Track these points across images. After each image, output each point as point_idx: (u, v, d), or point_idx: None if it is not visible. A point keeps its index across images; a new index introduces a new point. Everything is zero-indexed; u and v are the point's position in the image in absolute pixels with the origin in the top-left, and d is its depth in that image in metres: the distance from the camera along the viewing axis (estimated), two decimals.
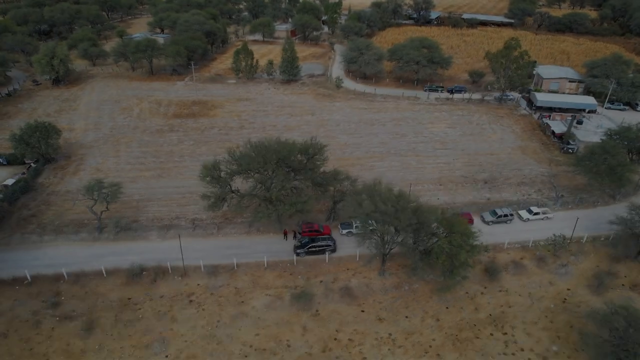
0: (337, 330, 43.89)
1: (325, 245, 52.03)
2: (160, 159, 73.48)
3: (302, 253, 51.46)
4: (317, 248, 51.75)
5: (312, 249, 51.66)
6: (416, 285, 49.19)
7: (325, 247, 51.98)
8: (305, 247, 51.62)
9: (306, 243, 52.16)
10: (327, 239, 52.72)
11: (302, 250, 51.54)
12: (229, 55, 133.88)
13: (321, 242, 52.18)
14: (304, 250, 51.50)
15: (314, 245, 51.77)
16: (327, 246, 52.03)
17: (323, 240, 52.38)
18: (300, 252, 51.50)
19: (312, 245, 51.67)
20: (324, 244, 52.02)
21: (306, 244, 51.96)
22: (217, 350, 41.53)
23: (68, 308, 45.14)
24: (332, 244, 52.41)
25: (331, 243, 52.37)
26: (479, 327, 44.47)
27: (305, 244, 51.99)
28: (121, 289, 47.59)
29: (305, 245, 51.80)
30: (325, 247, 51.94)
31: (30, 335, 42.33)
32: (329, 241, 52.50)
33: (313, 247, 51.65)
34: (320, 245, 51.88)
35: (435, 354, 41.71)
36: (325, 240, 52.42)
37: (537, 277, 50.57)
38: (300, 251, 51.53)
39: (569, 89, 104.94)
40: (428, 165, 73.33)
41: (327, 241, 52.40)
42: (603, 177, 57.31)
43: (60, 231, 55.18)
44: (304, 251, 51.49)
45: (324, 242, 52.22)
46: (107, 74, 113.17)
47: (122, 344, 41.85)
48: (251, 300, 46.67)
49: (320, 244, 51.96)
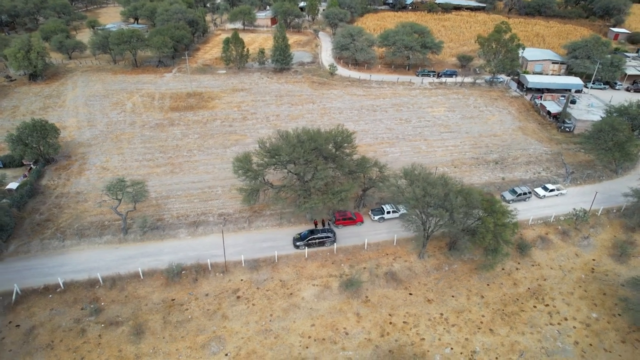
0: (389, 314, 44.61)
1: (325, 237, 51.26)
2: (168, 154, 70.82)
3: (301, 246, 50.58)
4: (316, 240, 50.97)
5: (312, 242, 50.85)
6: (455, 265, 50.62)
7: (325, 239, 51.26)
8: (304, 240, 50.76)
9: (305, 236, 51.26)
10: (326, 231, 51.89)
11: (302, 243, 50.66)
12: (211, 45, 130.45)
13: (320, 234, 51.34)
14: (303, 243, 50.59)
15: (314, 237, 50.88)
16: (326, 238, 51.29)
17: (322, 233, 51.59)
18: (299, 245, 50.65)
19: (312, 238, 50.81)
20: (323, 236, 51.25)
21: (305, 237, 51.07)
22: (276, 344, 41.23)
23: (111, 313, 43.23)
24: (332, 235, 51.64)
25: (331, 235, 51.57)
26: (522, 301, 46.52)
27: (305, 237, 51.12)
28: (162, 290, 46.02)
29: (305, 238, 50.94)
30: (325, 239, 51.23)
31: (77, 344, 40.31)
32: (329, 233, 51.71)
33: (312, 240, 50.83)
34: (319, 237, 51.05)
35: (488, 329, 43.35)
36: (325, 233, 51.64)
37: (564, 250, 53.31)
38: (300, 244, 50.65)
39: (552, 70, 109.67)
40: (438, 149, 74.89)
41: (327, 233, 51.61)
42: (613, 153, 60.63)
43: (82, 234, 52.37)
44: (303, 244, 50.59)
45: (323, 234, 51.41)
46: (87, 68, 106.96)
47: (176, 346, 40.69)
48: (299, 291, 46.45)
49: (319, 236, 51.13)
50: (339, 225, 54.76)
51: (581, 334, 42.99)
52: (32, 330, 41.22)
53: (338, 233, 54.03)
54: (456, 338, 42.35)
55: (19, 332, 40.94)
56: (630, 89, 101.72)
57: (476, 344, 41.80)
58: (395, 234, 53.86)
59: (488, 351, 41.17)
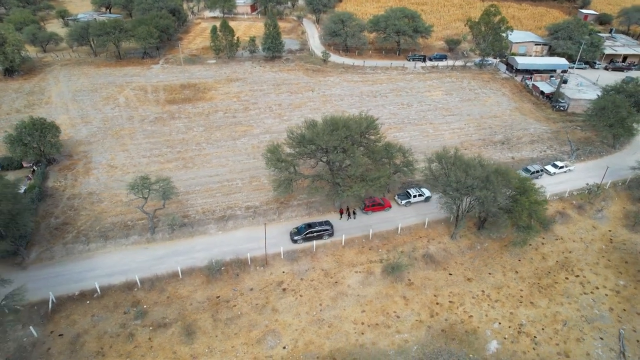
0: (435, 295, 45.67)
1: (323, 230, 50.48)
2: (177, 148, 68.42)
3: (299, 240, 49.78)
4: (314, 233, 50.14)
5: (309, 235, 49.99)
6: (486, 244, 52.25)
7: (323, 232, 50.46)
8: (302, 234, 49.86)
9: (303, 230, 50.38)
10: (324, 224, 51.08)
11: (300, 237, 49.76)
12: (194, 34, 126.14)
13: (318, 227, 50.48)
14: (301, 237, 49.72)
15: (312, 230, 50.01)
16: (324, 231, 50.50)
17: (320, 226, 50.72)
18: (297, 239, 49.78)
19: (310, 231, 49.93)
20: (321, 229, 50.40)
21: (303, 231, 50.18)
22: (332, 333, 41.38)
23: (157, 316, 41.86)
24: (330, 228, 50.85)
25: (329, 227, 50.78)
26: (554, 274, 48.80)
27: (302, 231, 50.21)
28: (204, 288, 44.92)
29: (302, 232, 50.05)
30: (322, 232, 50.45)
31: (128, 349, 38.88)
32: (327, 226, 50.90)
33: (310, 233, 49.96)
34: (317, 230, 50.23)
35: (529, 302, 45.28)
36: (323, 225, 50.82)
37: (582, 224, 56.13)
38: (298, 238, 49.74)
39: (535, 51, 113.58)
40: (445, 132, 76.33)
41: (325, 226, 50.82)
42: (616, 129, 63.95)
43: (106, 237, 50.05)
44: (301, 238, 49.72)
45: (321, 227, 50.56)
46: (67, 61, 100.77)
47: (231, 344, 40.04)
48: (344, 279, 46.63)
49: (317, 229, 50.25)
50: (368, 211, 55.13)
51: (613, 300, 45.73)
52: (78, 338, 39.34)
53: (368, 219, 54.45)
54: (501, 313, 44.01)
55: (64, 342, 38.98)
56: (608, 68, 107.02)
57: (521, 317, 43.62)
58: (423, 217, 54.91)
59: (534, 323, 43.08)
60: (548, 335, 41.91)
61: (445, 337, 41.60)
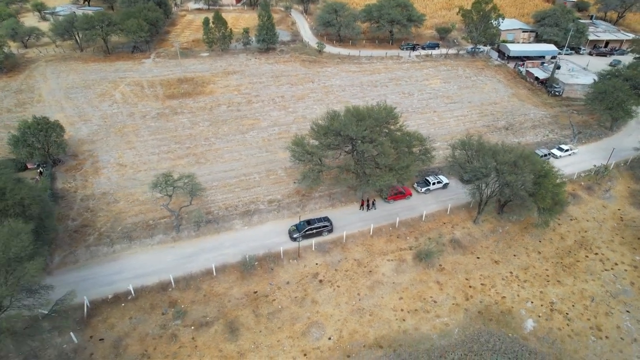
0: (466, 278, 46.76)
1: (322, 226, 49.70)
2: (185, 144, 66.85)
3: (299, 237, 48.60)
4: (314, 230, 49.24)
5: (309, 232, 49.03)
6: (507, 227, 53.76)
7: (322, 228, 49.70)
8: (301, 232, 48.77)
9: (302, 227, 49.31)
10: (323, 220, 50.31)
11: (299, 234, 48.65)
12: (180, 27, 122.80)
13: (317, 223, 49.64)
14: (300, 235, 48.65)
15: (311, 227, 49.11)
16: (324, 227, 49.75)
17: (319, 222, 49.89)
18: (296, 237, 48.61)
19: (309, 228, 49.01)
20: (321, 225, 49.61)
21: (302, 228, 49.11)
22: (374, 321, 41.84)
23: (197, 315, 41.19)
24: (329, 224, 50.18)
25: (328, 224, 50.07)
26: (574, 253, 50.79)
27: (302, 228, 49.14)
28: (240, 284, 44.45)
29: (302, 229, 48.96)
30: (322, 229, 49.70)
31: (173, 349, 38.17)
32: (326, 222, 50.17)
33: (310, 230, 49.01)
34: (317, 227, 49.38)
35: (556, 281, 47.04)
36: (322, 222, 49.98)
37: (592, 204, 58.47)
38: (297, 235, 48.60)
39: (523, 38, 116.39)
40: (450, 120, 77.56)
41: (324, 222, 50.04)
42: (616, 111, 66.62)
43: (130, 237, 48.63)
44: (300, 235, 48.63)
45: (320, 223, 49.74)
46: (51, 57, 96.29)
47: (276, 338, 39.91)
48: (377, 268, 47.09)
49: (317, 225, 49.42)
50: (391, 200, 55.67)
51: (633, 275, 48.09)
52: (119, 342, 38.32)
53: (390, 208, 55.00)
54: (532, 292, 45.56)
55: (106, 346, 37.89)
56: (592, 53, 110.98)
57: (551, 295, 45.30)
58: (443, 203, 56.01)
59: (564, 300, 44.84)
60: (579, 311, 43.77)
61: (483, 318, 42.78)
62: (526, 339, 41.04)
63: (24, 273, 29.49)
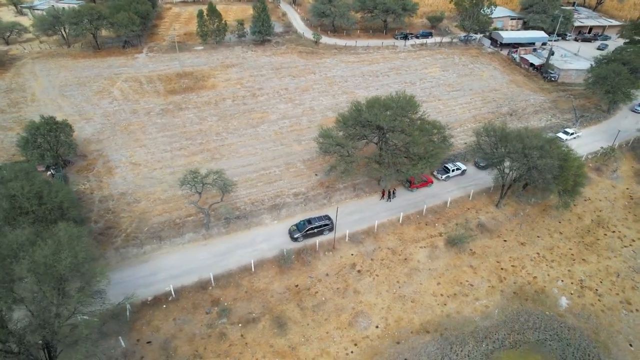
0: (497, 261, 48.05)
1: (324, 225, 48.09)
2: (197, 140, 65.41)
3: (299, 237, 47.27)
4: (315, 229, 47.77)
5: (310, 231, 47.62)
6: (527, 210, 55.36)
7: (324, 226, 48.11)
8: (302, 231, 47.38)
9: (303, 226, 47.87)
10: (323, 219, 48.65)
11: (300, 234, 47.27)
12: (168, 20, 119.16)
13: (318, 222, 48.09)
14: (301, 234, 47.29)
15: (312, 227, 47.60)
16: (324, 226, 48.13)
17: (320, 221, 48.30)
18: (297, 237, 47.21)
19: (311, 228, 47.53)
20: (322, 224, 48.01)
21: (303, 227, 47.68)
22: (417, 307, 42.55)
23: (242, 312, 40.79)
24: (330, 222, 48.46)
25: (328, 222, 48.41)
26: (593, 231, 52.89)
27: (303, 227, 47.71)
28: (279, 278, 44.21)
29: (302, 229, 47.52)
30: (323, 227, 48.12)
31: (224, 348, 37.76)
32: (327, 220, 48.53)
33: (311, 229, 47.56)
34: (318, 226, 47.83)
35: (581, 259, 48.94)
36: (322, 220, 48.39)
37: (602, 184, 60.86)
38: (298, 235, 47.19)
39: (511, 25, 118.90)
40: (455, 107, 78.75)
41: (325, 220, 48.43)
42: (617, 95, 69.27)
43: (159, 237, 47.44)
44: (301, 235, 47.28)
45: (321, 222, 48.15)
46: (37, 54, 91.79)
47: (325, 330, 40.06)
48: (412, 255, 47.73)
49: (318, 224, 47.85)
50: (414, 188, 56.33)
51: None
52: (168, 344, 37.58)
53: (412, 197, 55.58)
54: (560, 271, 47.28)
55: (154, 348, 37.10)
56: (577, 39, 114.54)
57: (579, 273, 47.14)
58: (463, 189, 57.11)
59: (591, 277, 46.76)
60: (607, 287, 45.77)
61: (519, 298, 44.17)
62: (562, 316, 42.68)
63: (92, 276, 28.42)
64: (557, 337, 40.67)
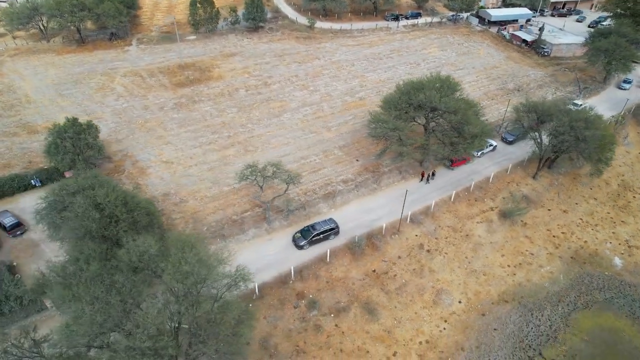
0: (547, 230, 50.66)
1: (329, 229, 45.57)
2: (224, 133, 63.10)
3: (305, 245, 44.66)
4: (321, 235, 45.16)
5: (317, 238, 45.02)
6: (559, 179, 58.40)
7: (330, 231, 45.59)
8: (308, 238, 44.67)
9: (309, 233, 45.16)
10: (329, 223, 46.22)
11: (305, 242, 44.60)
12: (148, 10, 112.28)
13: (324, 227, 45.51)
14: (307, 242, 44.63)
15: (318, 232, 44.93)
16: (330, 230, 45.60)
17: (325, 225, 45.77)
18: (303, 244, 44.57)
19: (317, 234, 44.87)
20: (327, 228, 45.43)
21: (309, 234, 44.94)
22: (490, 280, 44.23)
23: (329, 302, 40.64)
24: (335, 226, 46.11)
25: (334, 226, 46.02)
26: (622, 195, 56.86)
27: (309, 235, 44.94)
28: (355, 265, 44.29)
29: (309, 236, 44.76)
30: (329, 232, 45.60)
31: (323, 339, 37.63)
32: (332, 224, 46.10)
33: (317, 236, 44.89)
34: (324, 231, 45.21)
35: (620, 221, 52.61)
36: (328, 224, 45.92)
37: (618, 151, 64.71)
38: (303, 243, 44.55)
39: (492, 3, 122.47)
40: (465, 86, 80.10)
41: (330, 224, 45.97)
42: (617, 66, 73.79)
43: (222, 236, 45.86)
44: (307, 242, 44.64)
45: (327, 226, 45.60)
46: (15, 51, 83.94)
47: (414, 310, 40.90)
48: (472, 230, 49.23)
49: (324, 229, 45.24)
50: (454, 167, 57.71)
51: None
52: (266, 342, 36.92)
53: (451, 175, 56.54)
54: (606, 234, 50.64)
55: (253, 349, 36.32)
56: (554, 14, 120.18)
57: (623, 234, 50.72)
58: (498, 164, 59.11)
59: (634, 237, 50.48)
60: None
61: (577, 262, 47.03)
62: (620, 275, 45.96)
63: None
64: (621, 295, 43.84)
